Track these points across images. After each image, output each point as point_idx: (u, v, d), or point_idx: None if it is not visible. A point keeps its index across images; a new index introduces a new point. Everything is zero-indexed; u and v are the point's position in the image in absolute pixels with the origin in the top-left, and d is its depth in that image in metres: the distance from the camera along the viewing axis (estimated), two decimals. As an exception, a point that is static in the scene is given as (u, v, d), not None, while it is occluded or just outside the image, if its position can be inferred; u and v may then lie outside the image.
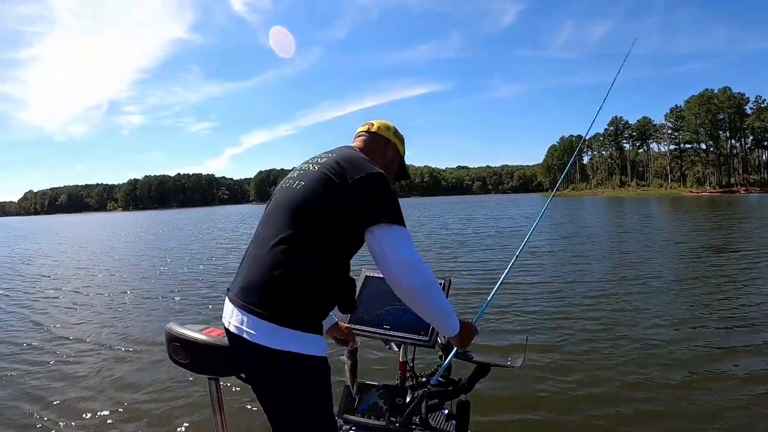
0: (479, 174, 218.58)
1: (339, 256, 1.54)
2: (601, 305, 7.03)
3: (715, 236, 16.03)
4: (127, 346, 5.93)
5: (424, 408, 1.97)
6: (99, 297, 9.41)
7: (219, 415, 1.69)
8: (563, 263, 11.35)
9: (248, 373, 1.56)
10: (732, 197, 62.37)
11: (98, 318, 7.61)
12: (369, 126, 1.89)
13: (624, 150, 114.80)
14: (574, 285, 8.68)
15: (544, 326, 6.05)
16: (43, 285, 11.32)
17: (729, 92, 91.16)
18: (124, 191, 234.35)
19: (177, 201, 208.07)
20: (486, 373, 2.02)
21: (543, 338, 5.60)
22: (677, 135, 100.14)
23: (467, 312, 6.16)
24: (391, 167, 1.89)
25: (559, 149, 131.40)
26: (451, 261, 12.22)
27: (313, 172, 1.60)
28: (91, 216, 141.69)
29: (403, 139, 1.95)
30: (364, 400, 2.06)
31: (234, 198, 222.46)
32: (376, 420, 1.99)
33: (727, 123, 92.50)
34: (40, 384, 4.75)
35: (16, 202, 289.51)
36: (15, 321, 7.72)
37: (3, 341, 6.43)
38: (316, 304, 1.50)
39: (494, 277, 8.76)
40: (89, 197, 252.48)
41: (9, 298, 9.87)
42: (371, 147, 1.83)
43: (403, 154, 1.96)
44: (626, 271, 9.93)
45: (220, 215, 63.89)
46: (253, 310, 1.45)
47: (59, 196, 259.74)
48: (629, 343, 5.31)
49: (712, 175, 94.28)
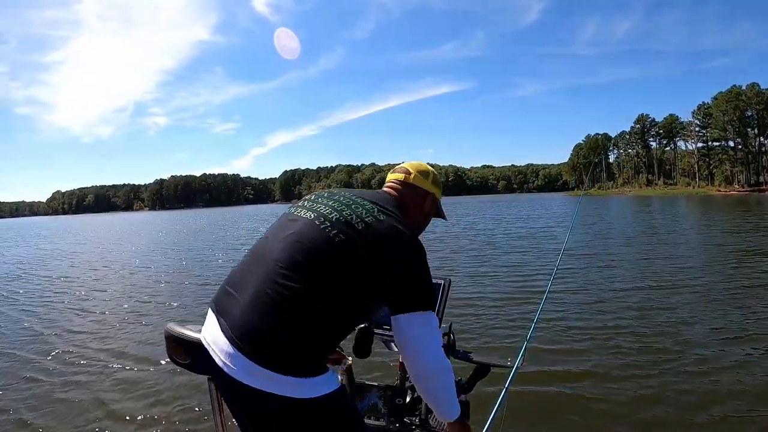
0: (504, 173, 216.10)
1: (349, 321, 1.49)
2: (630, 311, 6.72)
3: (753, 238, 15.18)
4: (127, 346, 6.05)
5: (424, 408, 1.97)
6: (109, 299, 9.50)
7: (219, 415, 1.66)
8: (590, 265, 11.04)
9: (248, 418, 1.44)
10: (761, 196, 61.13)
11: (106, 317, 7.79)
12: (405, 175, 1.73)
13: (651, 148, 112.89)
14: (601, 288, 8.44)
15: (545, 326, 5.91)
16: (56, 287, 11.45)
17: (757, 88, 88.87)
18: (150, 191, 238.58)
19: (203, 200, 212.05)
20: (486, 374, 2.04)
21: (543, 338, 5.51)
22: (705, 132, 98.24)
23: (510, 326, 6.22)
24: (429, 216, 1.78)
25: (585, 148, 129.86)
26: (484, 265, 11.71)
27: (355, 224, 1.44)
28: (117, 215, 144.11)
29: (440, 184, 1.82)
30: (364, 400, 2.03)
31: (259, 197, 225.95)
32: (376, 420, 1.97)
33: (755, 120, 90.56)
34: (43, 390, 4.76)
35: (44, 202, 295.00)
36: (25, 321, 7.83)
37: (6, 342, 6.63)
38: (321, 353, 1.43)
39: (529, 285, 8.85)
40: (116, 197, 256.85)
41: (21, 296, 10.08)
42: (409, 201, 1.69)
43: (440, 198, 1.82)
44: (656, 275, 9.51)
45: (245, 215, 64.73)
46: (256, 359, 1.33)
47: (87, 196, 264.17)
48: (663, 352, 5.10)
49: (740, 173, 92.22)
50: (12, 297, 10.38)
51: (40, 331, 7.19)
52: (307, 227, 1.46)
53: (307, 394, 1.33)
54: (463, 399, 2.00)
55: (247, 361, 1.33)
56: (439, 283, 2.03)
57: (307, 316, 1.35)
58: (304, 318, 1.35)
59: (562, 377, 4.56)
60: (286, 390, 1.31)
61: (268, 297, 1.36)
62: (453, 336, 2.07)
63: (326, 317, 1.38)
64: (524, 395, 4.08)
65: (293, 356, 1.34)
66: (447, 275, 2.09)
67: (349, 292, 1.40)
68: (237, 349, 1.34)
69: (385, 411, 1.98)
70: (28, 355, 5.97)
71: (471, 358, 2.07)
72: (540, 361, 4.91)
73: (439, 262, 12.29)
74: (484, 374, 2.04)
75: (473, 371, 2.05)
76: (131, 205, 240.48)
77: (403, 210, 1.62)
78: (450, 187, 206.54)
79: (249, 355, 1.33)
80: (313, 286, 1.37)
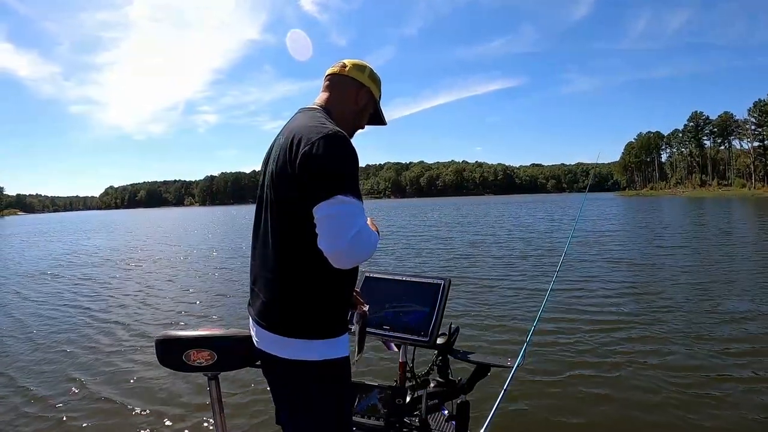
0: (554, 172, 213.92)
1: None
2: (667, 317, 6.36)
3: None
4: (127, 346, 5.98)
5: (424, 408, 1.98)
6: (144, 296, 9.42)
7: (219, 415, 1.68)
8: (595, 265, 10.81)
9: (282, 386, 1.54)
10: (823, 198, 59.10)
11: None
12: (340, 68, 1.67)
13: (704, 147, 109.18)
14: (604, 289, 8.34)
15: (546, 327, 5.87)
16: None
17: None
18: (201, 187, 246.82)
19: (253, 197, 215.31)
20: (486, 374, 2.04)
21: (544, 338, 5.49)
22: (761, 131, 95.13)
23: (510, 326, 6.18)
24: (365, 114, 1.71)
25: (637, 146, 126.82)
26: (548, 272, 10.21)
27: (274, 172, 1.49)
28: (169, 210, 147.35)
29: (379, 81, 1.73)
30: (364, 400, 2.02)
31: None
32: (376, 420, 1.96)
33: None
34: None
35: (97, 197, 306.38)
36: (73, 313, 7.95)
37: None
38: (330, 309, 1.48)
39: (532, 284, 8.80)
40: (167, 193, 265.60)
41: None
42: (340, 95, 1.65)
43: (379, 98, 1.75)
44: (670, 278, 9.20)
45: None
46: (276, 330, 1.46)
47: (138, 191, 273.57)
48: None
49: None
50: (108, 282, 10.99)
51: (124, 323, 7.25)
52: (263, 207, 1.55)
53: (314, 356, 1.44)
54: (464, 399, 2.06)
55: (269, 333, 1.47)
56: (439, 283, 2.06)
57: (295, 276, 1.44)
58: (293, 277, 1.44)
59: (562, 377, 4.54)
60: (299, 353, 1.44)
61: (267, 278, 1.50)
62: (455, 336, 2.08)
63: (307, 266, 1.42)
64: (524, 395, 4.11)
65: (301, 318, 1.44)
66: (447, 276, 2.11)
67: (303, 231, 1.40)
68: (260, 327, 1.50)
69: (385, 411, 1.96)
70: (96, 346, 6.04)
71: (471, 358, 2.08)
72: (540, 360, 4.89)
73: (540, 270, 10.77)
74: (484, 374, 2.06)
75: (473, 371, 2.06)
76: (182, 201, 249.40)
77: (333, 106, 1.62)
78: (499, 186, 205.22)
79: (268, 327, 1.47)
80: (281, 245, 1.46)
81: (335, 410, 1.50)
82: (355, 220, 1.35)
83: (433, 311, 2.01)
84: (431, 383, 2.10)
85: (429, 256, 13.98)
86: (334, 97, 1.65)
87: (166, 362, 1.64)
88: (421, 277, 2.15)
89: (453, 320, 2.16)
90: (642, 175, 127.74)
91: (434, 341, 1.99)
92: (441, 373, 2.11)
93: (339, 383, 1.50)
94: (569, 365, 4.80)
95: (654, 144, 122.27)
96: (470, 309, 7.16)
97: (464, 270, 10.94)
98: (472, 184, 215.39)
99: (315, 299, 1.45)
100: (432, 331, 1.98)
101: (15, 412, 4.18)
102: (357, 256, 1.36)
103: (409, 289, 2.15)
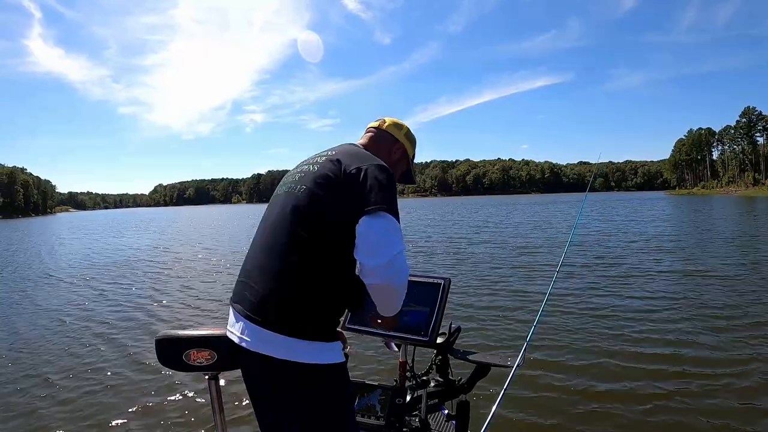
0: (601, 170, 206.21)
1: (347, 258, 1.46)
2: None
3: None
4: (128, 346, 5.98)
5: (424, 408, 1.97)
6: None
7: (219, 415, 1.65)
8: (597, 266, 10.74)
9: (265, 389, 1.50)
10: None
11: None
12: (380, 123, 1.81)
13: (757, 144, 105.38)
14: (606, 289, 8.32)
15: (546, 328, 5.87)
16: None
17: None
18: (248, 185, 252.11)
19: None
20: (486, 374, 2.05)
21: (544, 339, 5.48)
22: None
23: (511, 326, 6.19)
24: (397, 169, 1.80)
25: (687, 143, 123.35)
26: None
27: (313, 172, 1.53)
28: (218, 207, 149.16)
29: (414, 141, 1.85)
30: (364, 399, 2.00)
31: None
32: (376, 420, 1.94)
33: None
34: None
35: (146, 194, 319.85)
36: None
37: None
38: (331, 312, 1.48)
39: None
40: (215, 190, 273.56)
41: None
42: (377, 145, 1.75)
43: (413, 157, 1.87)
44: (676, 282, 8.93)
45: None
46: (272, 327, 1.41)
47: (187, 189, 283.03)
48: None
49: None
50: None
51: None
52: (283, 200, 1.57)
53: (315, 359, 1.41)
54: (463, 399, 2.07)
55: (263, 330, 1.42)
56: (439, 282, 2.04)
57: (306, 276, 1.43)
58: (304, 279, 1.43)
59: (562, 377, 4.52)
60: (296, 355, 1.39)
61: (271, 269, 1.47)
62: (456, 335, 2.08)
63: (321, 270, 1.44)
64: (524, 395, 4.11)
65: (301, 316, 1.42)
66: (447, 276, 2.07)
67: (328, 231, 1.44)
68: (252, 322, 1.44)
69: (384, 411, 1.95)
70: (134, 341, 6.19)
71: (471, 357, 2.08)
72: (541, 360, 4.89)
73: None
74: (484, 374, 2.06)
75: (473, 371, 2.07)
76: (229, 198, 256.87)
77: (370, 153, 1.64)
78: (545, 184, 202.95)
79: (263, 323, 1.42)
80: (300, 241, 1.45)
81: (344, 416, 1.51)
82: (398, 241, 1.40)
83: (434, 311, 1.99)
84: (431, 383, 2.12)
85: (478, 257, 13.38)
86: (370, 146, 1.73)
87: (166, 362, 1.63)
88: (422, 277, 2.11)
89: (453, 320, 2.16)
90: (693, 174, 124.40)
91: (434, 341, 1.97)
92: (441, 373, 2.12)
93: (343, 387, 1.52)
94: (570, 365, 4.82)
95: (705, 141, 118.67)
96: (471, 309, 7.24)
97: (464, 270, 11.13)
98: (518, 182, 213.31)
99: (324, 301, 1.46)
100: (432, 331, 1.96)
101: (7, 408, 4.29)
102: (391, 277, 1.38)
103: (409, 289, 1.92)
